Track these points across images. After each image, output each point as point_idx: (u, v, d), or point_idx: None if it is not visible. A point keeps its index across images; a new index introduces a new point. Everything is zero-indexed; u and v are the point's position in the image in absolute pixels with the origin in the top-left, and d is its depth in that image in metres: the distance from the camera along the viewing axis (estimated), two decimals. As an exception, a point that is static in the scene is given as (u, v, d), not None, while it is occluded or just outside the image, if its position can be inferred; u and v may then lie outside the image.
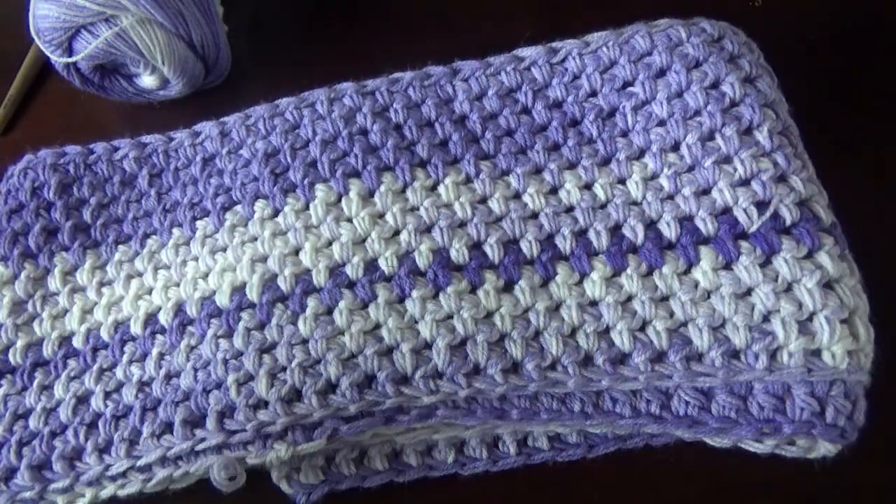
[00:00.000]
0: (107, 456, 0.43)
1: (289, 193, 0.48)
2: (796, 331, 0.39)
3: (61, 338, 0.48)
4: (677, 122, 0.45)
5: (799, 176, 0.42)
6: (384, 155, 0.48)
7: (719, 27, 0.47)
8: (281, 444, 0.42)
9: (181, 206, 0.50)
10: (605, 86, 0.48)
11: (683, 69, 0.45)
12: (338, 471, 0.45)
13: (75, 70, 0.54)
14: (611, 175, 0.45)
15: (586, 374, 0.40)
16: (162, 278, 0.48)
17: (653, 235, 0.43)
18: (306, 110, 0.50)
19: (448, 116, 0.49)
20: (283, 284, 0.45)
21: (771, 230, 0.41)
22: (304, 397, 0.42)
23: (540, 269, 0.44)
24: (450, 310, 0.43)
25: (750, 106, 0.44)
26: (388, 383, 0.41)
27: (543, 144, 0.47)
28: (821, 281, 0.40)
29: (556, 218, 0.45)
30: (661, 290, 0.42)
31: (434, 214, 0.46)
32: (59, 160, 0.53)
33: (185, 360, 0.45)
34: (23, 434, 0.45)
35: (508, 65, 0.49)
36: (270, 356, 0.43)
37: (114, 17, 0.50)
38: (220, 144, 0.51)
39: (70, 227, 0.51)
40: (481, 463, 0.45)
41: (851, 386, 0.40)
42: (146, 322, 0.47)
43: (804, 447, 0.42)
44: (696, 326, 0.40)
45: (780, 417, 0.40)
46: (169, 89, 0.55)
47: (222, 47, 0.55)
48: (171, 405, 0.44)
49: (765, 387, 0.40)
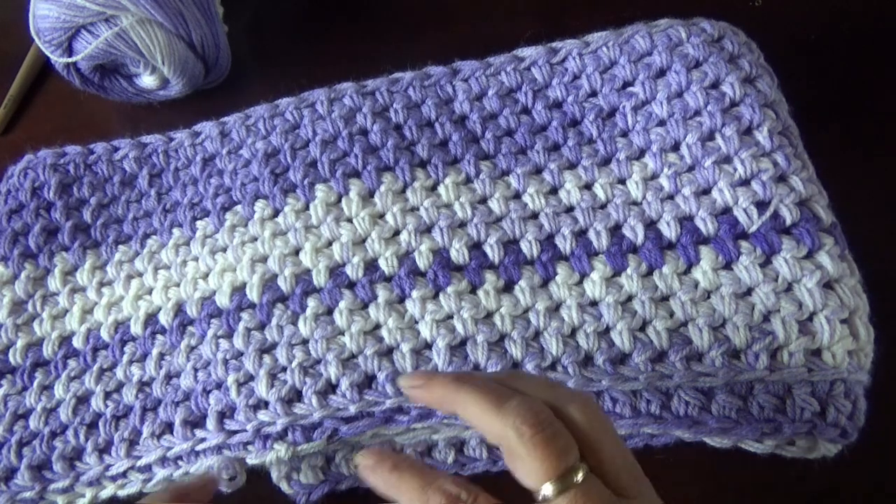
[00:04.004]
0: (107, 456, 0.43)
1: (289, 193, 0.48)
2: (796, 331, 0.39)
3: (61, 338, 0.48)
4: (677, 122, 0.45)
5: (799, 176, 0.42)
6: (384, 155, 0.48)
7: (719, 27, 0.47)
8: (281, 444, 0.42)
9: (181, 206, 0.50)
10: (605, 86, 0.48)
11: (683, 69, 0.45)
12: (338, 471, 0.45)
13: (75, 70, 0.54)
14: (611, 175, 0.45)
15: (586, 374, 0.40)
16: (162, 278, 0.48)
17: (653, 235, 0.43)
18: (306, 110, 0.50)
19: (448, 116, 0.49)
20: (283, 285, 0.45)
21: (771, 230, 0.41)
22: (304, 397, 0.42)
23: (540, 269, 0.44)
24: (450, 310, 0.43)
25: (750, 106, 0.44)
26: (388, 383, 0.41)
27: (543, 144, 0.47)
28: (821, 281, 0.40)
29: (556, 218, 0.45)
30: (661, 290, 0.42)
31: (434, 214, 0.46)
32: (59, 160, 0.53)
33: (185, 360, 0.45)
34: (23, 434, 0.45)
35: (508, 65, 0.49)
36: (270, 356, 0.43)
37: (114, 17, 0.50)
38: (220, 144, 0.51)
39: (70, 227, 0.51)
40: (481, 463, 0.45)
41: (851, 386, 0.40)
42: (146, 322, 0.47)
43: (804, 447, 0.42)
44: (697, 326, 0.40)
45: (781, 417, 0.39)
46: (169, 89, 0.55)
47: (222, 47, 0.55)
48: (171, 405, 0.44)
49: (765, 387, 0.40)
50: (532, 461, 0.29)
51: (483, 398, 0.31)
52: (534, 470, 0.29)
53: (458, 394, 0.32)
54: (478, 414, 0.31)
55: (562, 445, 0.29)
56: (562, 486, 0.29)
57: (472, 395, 0.31)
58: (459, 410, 0.32)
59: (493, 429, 0.31)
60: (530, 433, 0.29)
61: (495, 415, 0.30)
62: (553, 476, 0.29)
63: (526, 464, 0.29)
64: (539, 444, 0.29)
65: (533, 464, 0.29)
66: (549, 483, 0.29)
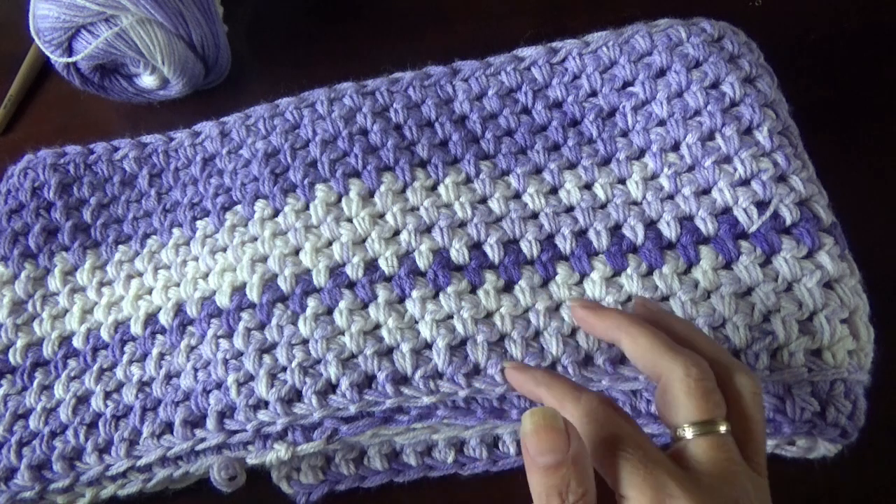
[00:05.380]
0: (107, 456, 0.43)
1: (289, 193, 0.48)
2: (796, 330, 0.39)
3: (61, 338, 0.48)
4: (677, 121, 0.45)
5: (799, 176, 0.42)
6: (384, 155, 0.48)
7: (719, 27, 0.47)
8: (281, 445, 0.42)
9: (181, 206, 0.50)
10: (605, 86, 0.48)
11: (683, 69, 0.46)
12: (337, 471, 0.45)
13: (75, 70, 0.54)
14: (611, 175, 0.45)
15: (586, 374, 0.40)
16: (162, 278, 0.48)
17: (653, 235, 0.43)
18: (306, 110, 0.50)
19: (448, 116, 0.49)
20: (283, 284, 0.45)
21: (771, 230, 0.41)
22: (304, 397, 0.42)
23: (540, 269, 0.44)
24: (450, 310, 0.43)
25: (750, 106, 0.44)
26: (387, 383, 0.41)
27: (543, 144, 0.47)
28: (821, 281, 0.40)
29: (556, 218, 0.45)
30: (661, 290, 0.42)
31: (434, 214, 0.46)
32: (59, 160, 0.53)
33: (185, 360, 0.45)
34: (23, 434, 0.45)
35: (508, 65, 0.49)
36: (270, 356, 0.43)
37: (114, 17, 0.50)
38: (220, 144, 0.51)
39: (70, 227, 0.51)
40: (481, 463, 0.45)
41: (851, 386, 0.40)
42: (146, 322, 0.47)
43: (804, 447, 0.42)
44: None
45: (780, 417, 0.39)
46: (169, 89, 0.55)
47: (222, 47, 0.55)
48: (171, 405, 0.44)
49: (765, 387, 0.40)
50: (688, 399, 0.32)
51: (658, 339, 0.34)
52: (686, 407, 0.32)
53: (632, 326, 0.36)
54: (648, 347, 0.34)
55: (716, 399, 0.32)
56: (703, 430, 0.31)
57: (647, 332, 0.35)
58: (626, 339, 0.36)
59: (661, 362, 0.33)
60: (697, 376, 0.32)
61: (667, 353, 0.33)
62: (700, 419, 0.32)
63: (680, 401, 0.32)
64: (700, 388, 0.32)
65: (688, 402, 0.32)
66: (692, 425, 0.32)
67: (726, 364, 0.34)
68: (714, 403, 0.32)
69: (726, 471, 0.31)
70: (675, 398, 0.32)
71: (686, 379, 0.32)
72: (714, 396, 0.32)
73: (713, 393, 0.32)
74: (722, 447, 0.31)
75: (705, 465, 0.31)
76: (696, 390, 0.32)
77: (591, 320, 0.39)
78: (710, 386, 0.32)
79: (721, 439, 0.31)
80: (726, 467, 0.31)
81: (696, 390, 0.32)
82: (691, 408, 0.32)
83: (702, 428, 0.31)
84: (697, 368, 0.32)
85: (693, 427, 0.32)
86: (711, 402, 0.32)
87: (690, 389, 0.32)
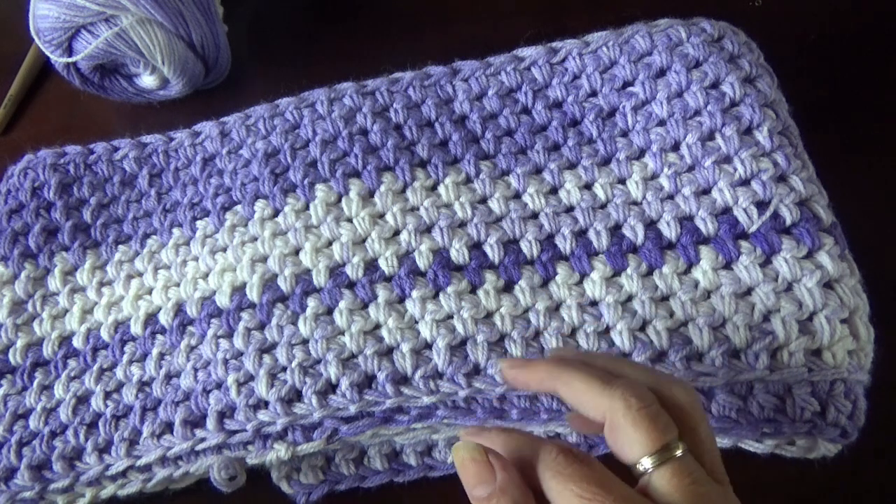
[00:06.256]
0: (107, 456, 0.43)
1: (289, 193, 0.48)
2: (796, 330, 0.39)
3: (61, 338, 0.48)
4: (677, 121, 0.45)
5: (799, 176, 0.42)
6: (384, 155, 0.48)
7: (719, 27, 0.47)
8: (281, 444, 0.42)
9: (181, 206, 0.50)
10: (605, 86, 0.48)
11: (683, 69, 0.46)
12: (337, 471, 0.45)
13: (75, 70, 0.54)
14: (611, 175, 0.45)
15: (586, 374, 0.40)
16: (162, 278, 0.48)
17: (653, 235, 0.43)
18: (306, 110, 0.50)
19: (448, 116, 0.49)
20: (283, 284, 0.45)
21: (771, 230, 0.41)
22: (304, 397, 0.42)
23: (540, 269, 0.44)
24: (450, 310, 0.43)
25: (750, 106, 0.44)
26: (387, 383, 0.41)
27: (543, 144, 0.47)
28: (821, 281, 0.40)
29: (556, 218, 0.45)
30: (661, 290, 0.42)
31: (434, 214, 0.46)
32: (59, 160, 0.53)
33: (185, 360, 0.45)
34: (23, 434, 0.45)
35: (508, 65, 0.49)
36: (270, 356, 0.43)
37: (114, 17, 0.50)
38: (220, 144, 0.51)
39: (70, 227, 0.51)
40: (481, 463, 0.44)
41: (851, 386, 0.40)
42: (146, 322, 0.47)
43: (804, 447, 0.42)
44: (697, 326, 0.40)
45: (781, 417, 0.39)
46: (169, 89, 0.55)
47: (222, 47, 0.55)
48: (171, 405, 0.44)
49: (765, 387, 0.40)
50: (636, 433, 0.31)
51: (590, 376, 0.33)
52: (637, 441, 0.31)
53: (563, 372, 0.34)
54: (584, 389, 0.33)
55: (664, 422, 0.31)
56: (661, 458, 0.30)
57: (578, 373, 0.33)
58: (562, 388, 0.34)
59: (599, 402, 0.32)
60: (637, 406, 0.31)
61: (602, 390, 0.32)
62: (654, 449, 0.30)
63: (629, 436, 0.31)
64: (644, 417, 0.31)
65: (636, 435, 0.31)
66: (650, 456, 0.30)
67: (660, 382, 0.33)
68: (664, 426, 0.31)
69: (695, 495, 0.30)
70: (624, 433, 0.31)
71: (628, 411, 0.31)
72: (661, 419, 0.31)
73: (659, 416, 0.31)
74: (684, 472, 0.30)
75: (674, 497, 0.30)
76: (641, 420, 0.31)
77: (523, 377, 0.37)
78: (654, 410, 0.31)
79: (681, 463, 0.30)
80: (693, 491, 0.30)
81: (641, 420, 0.31)
82: (642, 439, 0.31)
83: (659, 457, 0.30)
84: (636, 396, 0.31)
85: (650, 458, 0.30)
86: (660, 427, 0.31)
87: (636, 420, 0.31)
